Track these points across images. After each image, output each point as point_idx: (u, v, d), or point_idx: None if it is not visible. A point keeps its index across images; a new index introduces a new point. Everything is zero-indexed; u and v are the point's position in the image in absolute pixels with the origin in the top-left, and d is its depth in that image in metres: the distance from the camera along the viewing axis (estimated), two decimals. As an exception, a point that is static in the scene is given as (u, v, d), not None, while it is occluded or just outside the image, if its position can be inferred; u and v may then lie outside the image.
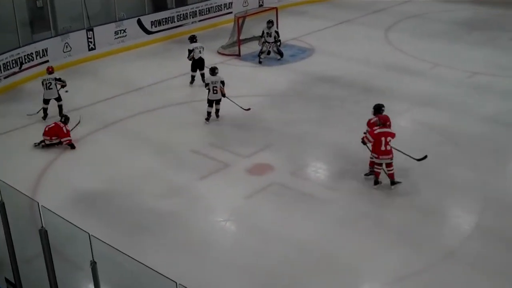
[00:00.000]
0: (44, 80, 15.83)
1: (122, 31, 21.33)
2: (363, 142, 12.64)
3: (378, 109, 12.99)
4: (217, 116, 15.85)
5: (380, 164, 12.45)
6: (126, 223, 11.63)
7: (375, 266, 10.36)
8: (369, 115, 13.07)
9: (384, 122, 12.52)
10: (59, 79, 15.92)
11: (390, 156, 12.33)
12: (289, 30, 22.57)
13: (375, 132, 12.34)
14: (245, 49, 21.04)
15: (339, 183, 12.95)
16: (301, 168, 13.60)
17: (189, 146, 14.51)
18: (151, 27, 22.00)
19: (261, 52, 20.05)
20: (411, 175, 13.05)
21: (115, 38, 21.27)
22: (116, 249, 6.60)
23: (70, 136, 14.61)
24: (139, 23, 21.83)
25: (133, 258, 6.42)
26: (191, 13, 23.44)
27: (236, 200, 12.35)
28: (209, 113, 15.71)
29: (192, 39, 18.43)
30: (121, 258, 6.56)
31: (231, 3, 24.74)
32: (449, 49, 21.26)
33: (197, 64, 18.15)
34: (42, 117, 15.88)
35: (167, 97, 17.44)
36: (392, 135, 12.31)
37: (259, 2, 25.79)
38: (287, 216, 11.80)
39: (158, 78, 18.81)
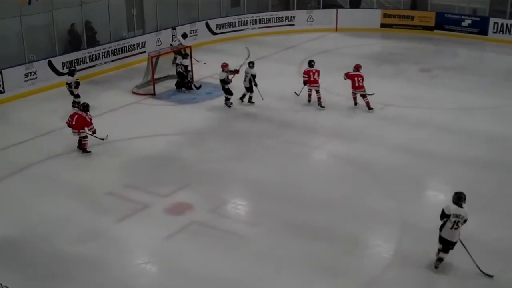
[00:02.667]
0: None
1: (32, 73, 20.80)
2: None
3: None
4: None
5: (355, 93, 18.70)
6: (42, 270, 11.18)
7: (299, 301, 10.32)
8: (288, 150, 13.17)
9: (357, 69, 18.71)
10: None
11: (363, 90, 18.56)
12: (205, 67, 22.60)
13: (350, 74, 18.70)
14: (160, 88, 20.89)
15: (259, 218, 12.93)
16: (221, 206, 13.49)
17: (105, 188, 14.17)
18: (63, 69, 21.55)
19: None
20: (329, 207, 13.20)
21: (25, 81, 20.69)
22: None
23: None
24: (50, 64, 21.36)
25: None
26: (103, 53, 23.13)
27: (155, 242, 12.10)
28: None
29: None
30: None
31: (144, 42, 24.60)
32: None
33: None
34: None
35: (81, 139, 17.02)
36: (362, 76, 18.58)
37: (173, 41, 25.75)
38: (208, 255, 11.64)
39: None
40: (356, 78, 18.62)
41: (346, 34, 29.07)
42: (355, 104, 19.05)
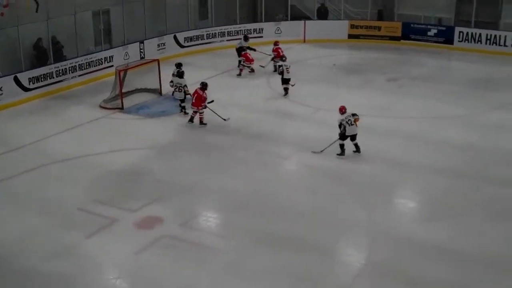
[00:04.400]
0: None
1: (-2, 89, 20.56)
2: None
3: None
4: None
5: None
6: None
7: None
8: (259, 161, 13.05)
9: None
10: None
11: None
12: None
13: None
14: (128, 102, 20.75)
15: (230, 231, 12.90)
16: (192, 219, 13.42)
17: (74, 203, 13.99)
18: (29, 84, 21.32)
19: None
20: (301, 217, 13.22)
21: (-9, 97, 20.44)
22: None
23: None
24: (16, 80, 21.10)
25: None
26: (70, 68, 22.91)
27: (126, 257, 11.98)
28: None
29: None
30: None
31: (112, 56, 24.45)
32: (328, 93, 21.89)
33: None
34: None
35: (49, 154, 16.81)
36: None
37: (141, 55, 25.66)
38: (179, 268, 11.56)
39: (38, 136, 18.12)
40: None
41: (314, 45, 29.24)
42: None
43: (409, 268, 11.46)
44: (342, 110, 16.42)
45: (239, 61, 24.67)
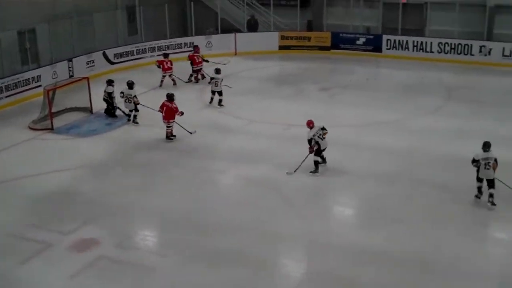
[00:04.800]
0: None
1: None
2: None
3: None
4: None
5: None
6: None
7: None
8: (193, 176, 12.93)
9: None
10: None
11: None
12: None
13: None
14: (58, 121, 20.27)
15: (168, 249, 12.72)
16: (128, 239, 13.16)
17: (5, 229, 13.54)
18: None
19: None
20: (238, 230, 13.14)
21: None
22: None
23: None
24: None
25: None
26: (-4, 90, 22.30)
27: (61, 281, 11.65)
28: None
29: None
30: None
31: (39, 76, 23.85)
32: (261, 105, 21.96)
33: None
34: None
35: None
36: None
37: (69, 73, 25.15)
38: (117, 290, 11.30)
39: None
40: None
41: (246, 58, 29.30)
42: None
43: (349, 275, 11.55)
44: (310, 124, 15.93)
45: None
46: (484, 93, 20.33)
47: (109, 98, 20.84)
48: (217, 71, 22.00)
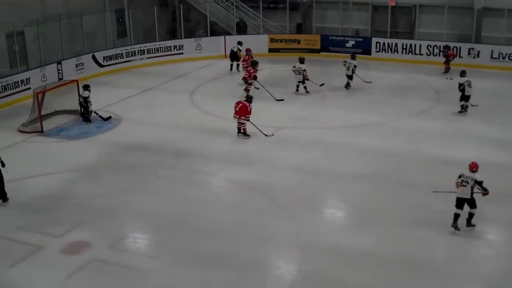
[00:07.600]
0: None
1: None
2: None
3: None
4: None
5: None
6: None
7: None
8: (184, 178, 12.97)
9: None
10: None
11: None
12: (92, 101, 22.12)
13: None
14: (48, 124, 20.23)
15: (159, 251, 12.72)
16: (119, 241, 13.14)
17: (-5, 232, 13.53)
18: None
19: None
20: (229, 233, 13.17)
21: None
22: None
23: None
24: None
25: None
26: (-15, 93, 22.24)
27: (53, 284, 11.64)
28: None
29: None
30: None
31: (29, 78, 23.80)
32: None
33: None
34: None
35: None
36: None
37: (59, 76, 25.10)
38: (109, 292, 11.30)
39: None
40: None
41: (235, 60, 29.27)
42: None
43: (339, 276, 11.61)
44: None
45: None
46: (473, 95, 20.46)
47: (84, 102, 20.78)
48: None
